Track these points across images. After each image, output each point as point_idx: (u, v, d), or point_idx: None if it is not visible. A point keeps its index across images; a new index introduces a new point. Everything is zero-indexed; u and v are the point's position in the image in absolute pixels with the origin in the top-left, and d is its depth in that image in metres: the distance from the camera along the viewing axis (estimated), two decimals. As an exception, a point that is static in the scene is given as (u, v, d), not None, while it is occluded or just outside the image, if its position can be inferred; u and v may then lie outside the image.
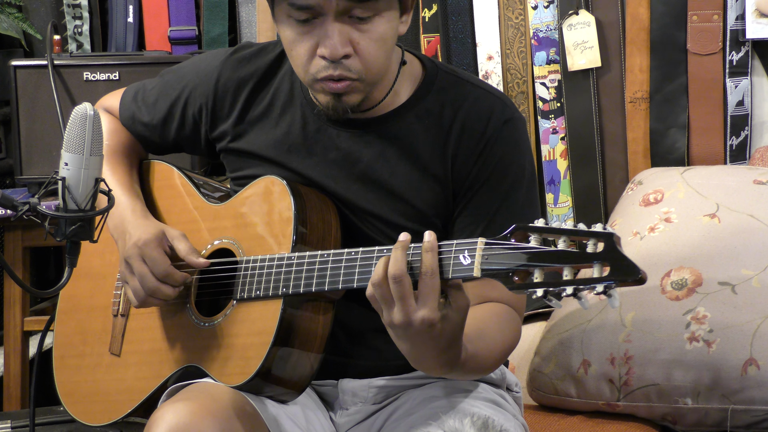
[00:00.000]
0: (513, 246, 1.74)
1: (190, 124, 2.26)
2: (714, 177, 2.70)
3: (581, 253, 1.68)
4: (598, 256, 1.66)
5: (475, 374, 2.03)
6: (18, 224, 3.13)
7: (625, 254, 1.65)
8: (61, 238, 1.88)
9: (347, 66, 1.99)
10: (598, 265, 1.66)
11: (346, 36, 1.98)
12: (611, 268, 1.66)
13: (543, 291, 1.70)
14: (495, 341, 2.01)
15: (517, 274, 1.73)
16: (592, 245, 1.67)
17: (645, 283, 1.66)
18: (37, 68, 3.11)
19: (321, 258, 1.97)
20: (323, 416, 2.14)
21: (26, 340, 3.24)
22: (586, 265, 1.67)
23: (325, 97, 2.04)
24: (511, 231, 1.75)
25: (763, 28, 2.95)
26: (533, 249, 1.72)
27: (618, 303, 1.68)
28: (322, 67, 2.00)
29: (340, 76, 2.00)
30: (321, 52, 1.99)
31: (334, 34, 1.97)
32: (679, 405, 2.41)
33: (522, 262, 1.72)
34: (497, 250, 1.76)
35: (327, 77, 2.00)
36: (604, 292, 1.66)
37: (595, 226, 1.68)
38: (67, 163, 1.87)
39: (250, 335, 2.03)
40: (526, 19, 3.12)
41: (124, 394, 2.20)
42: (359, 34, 1.98)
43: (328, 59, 1.98)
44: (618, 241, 1.66)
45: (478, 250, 1.78)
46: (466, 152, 2.09)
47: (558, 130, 3.11)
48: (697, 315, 2.43)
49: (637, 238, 2.61)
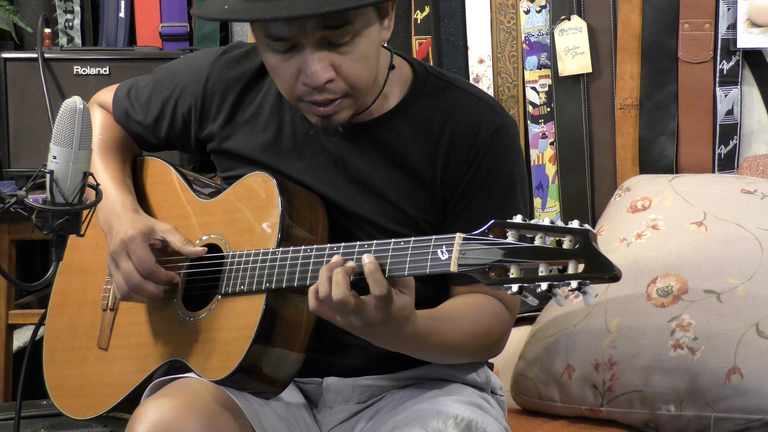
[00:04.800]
0: (490, 242, 1.75)
1: (180, 124, 2.26)
2: (702, 185, 2.70)
3: (557, 249, 1.69)
4: (574, 252, 1.67)
5: (444, 354, 2.06)
6: (5, 217, 3.12)
7: (600, 251, 1.66)
8: (48, 231, 1.88)
9: (332, 89, 1.98)
10: (573, 262, 1.67)
11: (326, 62, 1.96)
12: (586, 264, 1.67)
13: (518, 287, 1.71)
14: (467, 324, 2.04)
15: (493, 269, 1.75)
16: (568, 242, 1.68)
17: (619, 281, 1.68)
18: (27, 61, 3.11)
19: (304, 253, 1.98)
20: (307, 414, 2.15)
21: (11, 334, 3.23)
22: (561, 261, 1.68)
23: (313, 117, 2.04)
24: (489, 227, 1.76)
25: (754, 37, 2.96)
26: (510, 245, 1.73)
27: (593, 300, 1.68)
28: (305, 92, 1.99)
29: (326, 99, 1.99)
30: (303, 80, 1.98)
31: (314, 62, 1.95)
32: (661, 412, 2.41)
33: (498, 257, 1.74)
34: (474, 245, 1.77)
35: (312, 102, 2.00)
36: (579, 289, 1.67)
37: (572, 223, 1.70)
38: (55, 156, 1.87)
39: (233, 330, 2.03)
40: (518, 23, 3.12)
41: (109, 387, 2.20)
42: (340, 56, 1.97)
43: (311, 86, 1.98)
44: (594, 238, 1.67)
45: (456, 245, 1.79)
46: (456, 160, 2.09)
47: (547, 135, 3.12)
48: (681, 322, 2.44)
49: (624, 244, 2.61)
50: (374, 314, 1.84)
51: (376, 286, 1.83)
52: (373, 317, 1.85)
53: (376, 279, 1.83)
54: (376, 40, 2.01)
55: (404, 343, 1.94)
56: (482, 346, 2.10)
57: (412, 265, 1.85)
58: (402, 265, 1.85)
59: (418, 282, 2.00)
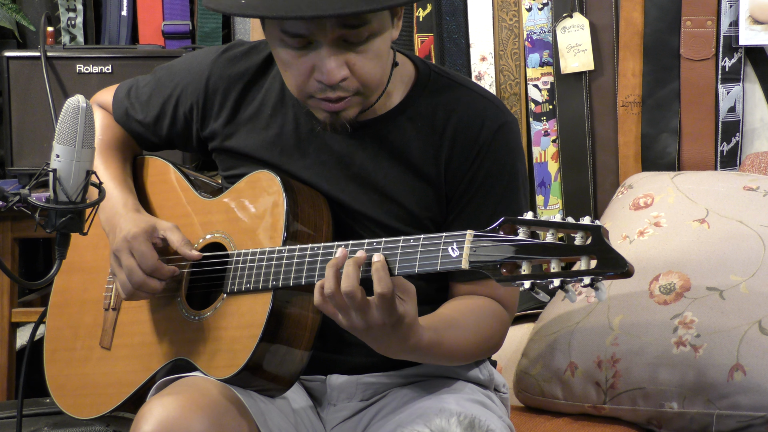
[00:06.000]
0: (501, 238, 1.75)
1: (182, 123, 2.26)
2: (704, 182, 2.70)
3: (569, 246, 1.69)
4: (586, 248, 1.67)
5: (449, 360, 2.06)
6: (7, 215, 3.12)
7: (612, 247, 1.66)
8: (51, 230, 1.88)
9: (345, 87, 1.98)
10: (586, 258, 1.67)
11: (342, 60, 1.96)
12: (598, 260, 1.67)
13: (530, 283, 1.71)
14: (469, 331, 2.04)
15: (504, 266, 1.74)
16: (580, 238, 1.68)
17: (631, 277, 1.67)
18: (29, 59, 3.11)
19: (311, 251, 1.98)
20: (311, 412, 2.15)
21: (13, 332, 3.23)
22: (573, 257, 1.68)
23: (322, 113, 2.04)
24: (500, 224, 1.76)
25: (757, 34, 2.96)
26: (521, 241, 1.73)
27: (605, 296, 1.68)
28: (318, 89, 1.99)
29: (338, 97, 1.99)
30: (317, 77, 1.97)
31: (330, 60, 1.95)
32: (664, 409, 2.41)
33: (510, 254, 1.74)
34: (485, 242, 1.77)
35: (324, 99, 2.00)
36: (591, 285, 1.67)
37: (584, 219, 1.69)
38: (58, 154, 1.87)
39: (239, 328, 2.03)
40: (520, 20, 3.12)
41: (113, 387, 2.20)
42: (355, 55, 1.97)
43: (325, 84, 1.98)
44: (606, 234, 1.67)
45: (467, 242, 1.79)
46: (459, 158, 2.09)
47: (549, 133, 3.12)
48: (684, 320, 2.44)
49: (627, 241, 2.61)
50: (376, 315, 1.84)
51: (380, 285, 1.83)
52: (375, 318, 1.84)
53: (381, 277, 1.83)
54: (389, 39, 2.02)
55: (406, 353, 1.94)
56: (482, 350, 2.12)
57: (423, 263, 1.84)
58: (412, 263, 1.85)
59: (423, 280, 2.01)
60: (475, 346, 2.07)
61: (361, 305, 1.84)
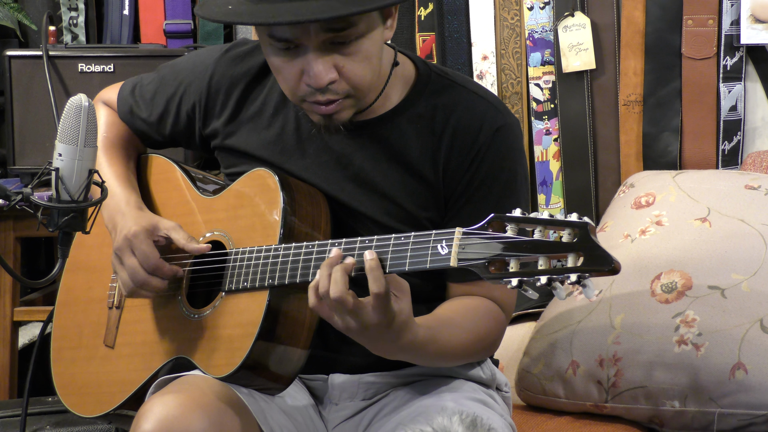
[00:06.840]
0: (489, 236, 1.75)
1: (185, 121, 2.27)
2: (706, 181, 2.70)
3: (556, 243, 1.69)
4: (573, 245, 1.67)
5: (444, 360, 2.06)
6: (10, 214, 3.13)
7: (599, 243, 1.66)
8: (54, 229, 1.89)
9: (334, 90, 1.99)
10: (573, 255, 1.67)
11: (329, 63, 1.96)
12: (585, 257, 1.67)
13: (518, 280, 1.71)
14: (464, 330, 2.04)
15: (493, 263, 1.75)
16: (567, 235, 1.68)
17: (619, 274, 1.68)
18: (31, 59, 3.11)
19: (306, 249, 1.98)
20: (313, 411, 2.15)
21: (16, 331, 3.24)
22: (560, 254, 1.68)
23: (315, 116, 2.04)
24: (489, 221, 1.76)
25: (758, 33, 2.96)
26: (509, 239, 1.73)
27: (593, 294, 1.68)
28: (308, 93, 2.00)
29: (328, 100, 1.99)
30: (306, 80, 1.98)
31: (317, 63, 1.96)
32: (666, 408, 2.42)
33: (497, 251, 1.74)
34: (474, 239, 1.77)
35: (315, 102, 2.00)
36: (578, 282, 1.67)
37: (571, 216, 1.69)
38: (60, 153, 1.87)
39: (237, 326, 2.04)
40: (522, 19, 3.12)
41: (116, 385, 2.20)
42: (343, 57, 1.97)
43: (314, 87, 1.98)
44: (593, 231, 1.67)
45: (456, 239, 1.79)
46: (458, 159, 2.09)
47: (551, 132, 3.12)
48: (686, 318, 2.44)
49: (628, 240, 2.61)
50: (371, 315, 1.84)
51: (375, 284, 1.83)
52: (370, 319, 1.85)
53: (376, 276, 1.83)
54: (379, 40, 2.01)
55: (402, 352, 1.94)
56: (478, 350, 2.11)
57: (413, 260, 1.85)
58: (402, 260, 1.86)
59: (418, 278, 2.01)
60: (471, 345, 2.07)
61: (354, 308, 1.84)
